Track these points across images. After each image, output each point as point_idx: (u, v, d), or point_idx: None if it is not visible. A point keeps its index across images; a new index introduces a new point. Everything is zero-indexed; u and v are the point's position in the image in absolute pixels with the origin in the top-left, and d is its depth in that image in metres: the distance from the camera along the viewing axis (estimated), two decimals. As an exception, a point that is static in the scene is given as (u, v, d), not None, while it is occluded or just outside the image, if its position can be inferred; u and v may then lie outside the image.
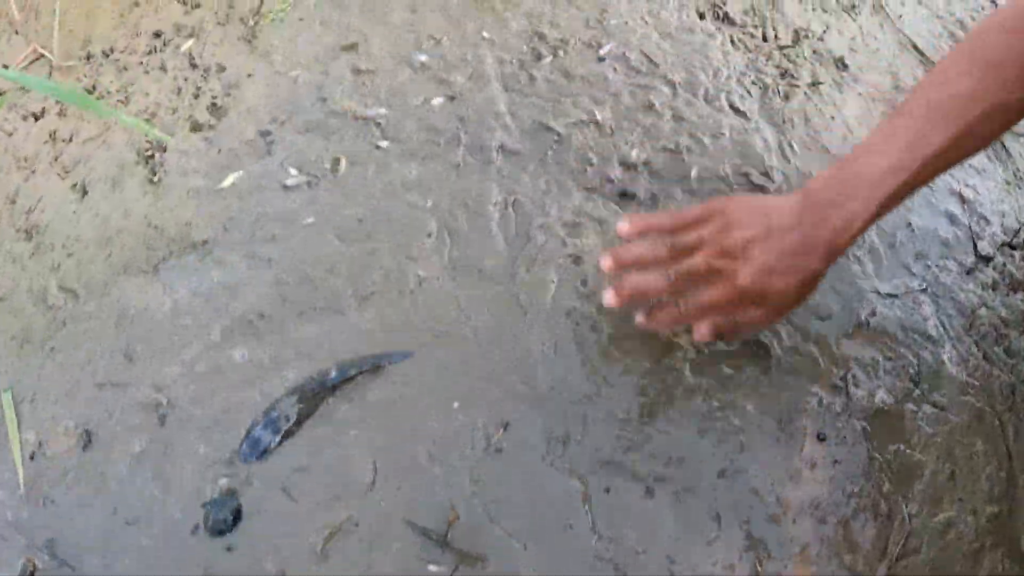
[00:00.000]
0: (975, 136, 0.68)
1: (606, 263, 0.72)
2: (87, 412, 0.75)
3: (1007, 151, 1.06)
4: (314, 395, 0.72)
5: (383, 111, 0.95)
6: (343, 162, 0.90)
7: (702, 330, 0.71)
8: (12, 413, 0.77)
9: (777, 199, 0.70)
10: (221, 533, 0.66)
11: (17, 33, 1.13)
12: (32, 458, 0.74)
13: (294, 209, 0.86)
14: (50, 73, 1.06)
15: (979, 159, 1.02)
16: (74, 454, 0.73)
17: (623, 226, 0.73)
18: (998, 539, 0.71)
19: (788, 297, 0.68)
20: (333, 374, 0.73)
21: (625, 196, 0.89)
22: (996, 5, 1.33)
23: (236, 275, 0.81)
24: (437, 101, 0.97)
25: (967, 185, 0.98)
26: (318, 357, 0.76)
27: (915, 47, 1.20)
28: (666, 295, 0.71)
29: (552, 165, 0.91)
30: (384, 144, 0.92)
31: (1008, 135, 1.06)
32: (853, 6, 1.25)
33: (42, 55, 1.09)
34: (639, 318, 0.73)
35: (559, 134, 0.94)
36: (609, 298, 0.71)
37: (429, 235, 0.85)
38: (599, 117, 0.97)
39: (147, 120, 0.96)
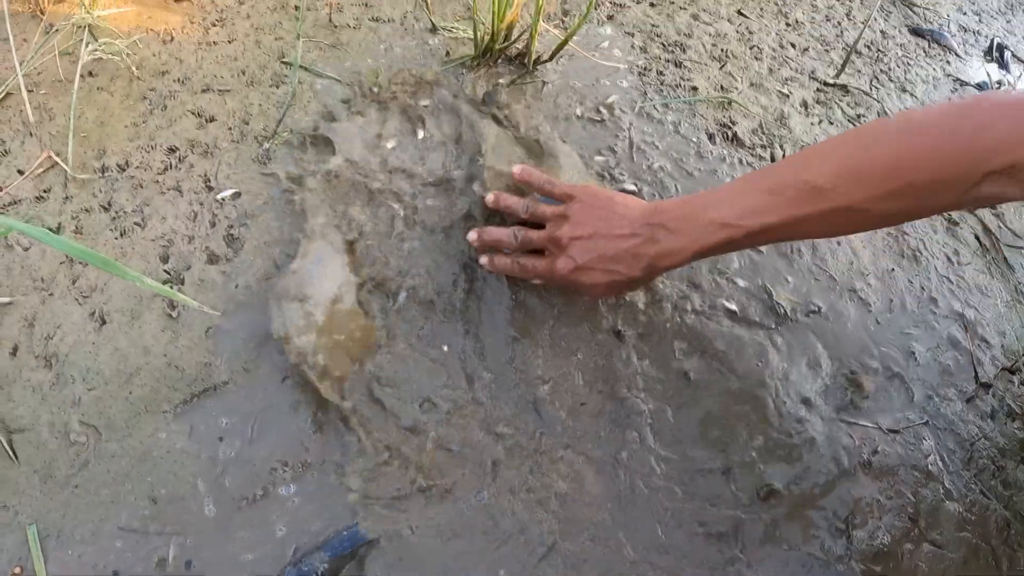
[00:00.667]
0: (815, 226, 0.75)
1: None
2: (113, 553, 0.78)
3: (1009, 265, 1.13)
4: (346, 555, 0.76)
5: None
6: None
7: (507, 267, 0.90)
8: (38, 550, 0.80)
9: (627, 203, 0.83)
10: None
11: (31, 135, 1.16)
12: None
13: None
14: (65, 184, 1.09)
15: (981, 277, 1.10)
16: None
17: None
18: None
19: (595, 291, 0.84)
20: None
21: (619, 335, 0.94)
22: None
23: (258, 418, 0.85)
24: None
25: (969, 305, 1.05)
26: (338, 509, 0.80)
27: None
28: (511, 250, 0.89)
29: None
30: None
31: (1008, 248, 1.13)
32: (859, 116, 1.33)
33: (56, 163, 1.12)
34: (482, 259, 0.91)
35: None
36: (471, 236, 0.91)
37: (448, 379, 0.90)
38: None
39: (165, 246, 1.00)
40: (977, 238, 1.18)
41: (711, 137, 1.23)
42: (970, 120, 0.67)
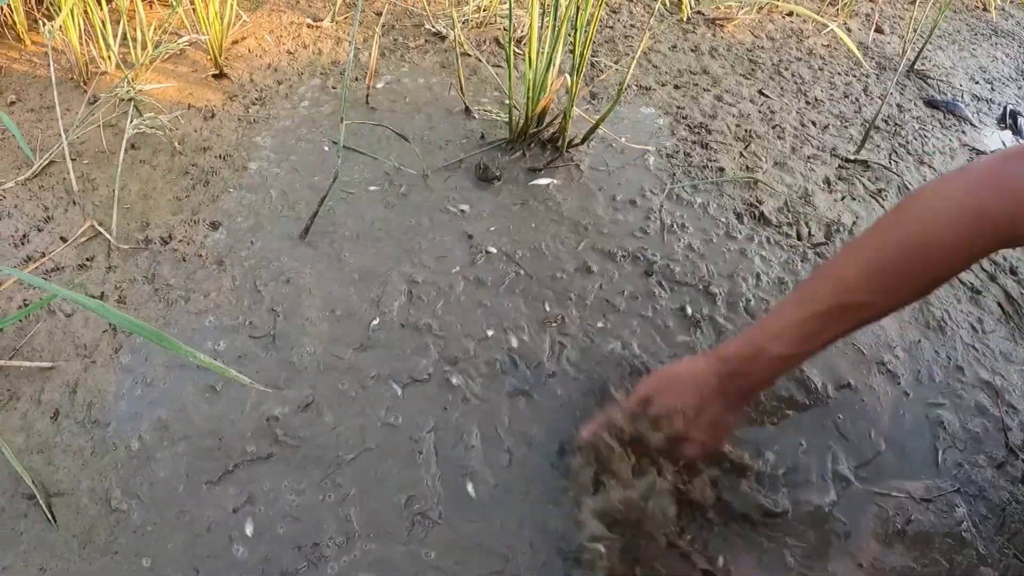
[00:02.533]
0: (859, 328, 0.81)
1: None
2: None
3: None
4: None
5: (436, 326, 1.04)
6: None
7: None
8: (72, 618, 0.80)
9: (695, 367, 0.86)
10: None
11: (75, 203, 1.19)
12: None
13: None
14: (108, 253, 1.12)
15: (1005, 344, 1.14)
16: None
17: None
18: None
19: (717, 446, 0.88)
20: None
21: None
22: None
23: (302, 496, 0.87)
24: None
25: (996, 372, 1.08)
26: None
27: None
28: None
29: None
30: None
31: None
32: (880, 191, 1.39)
33: (99, 232, 1.15)
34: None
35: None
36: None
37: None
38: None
39: (211, 321, 1.03)
40: (1000, 306, 1.21)
41: (739, 217, 1.29)
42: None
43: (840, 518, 0.90)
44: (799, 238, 1.25)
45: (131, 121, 1.27)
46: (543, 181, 1.26)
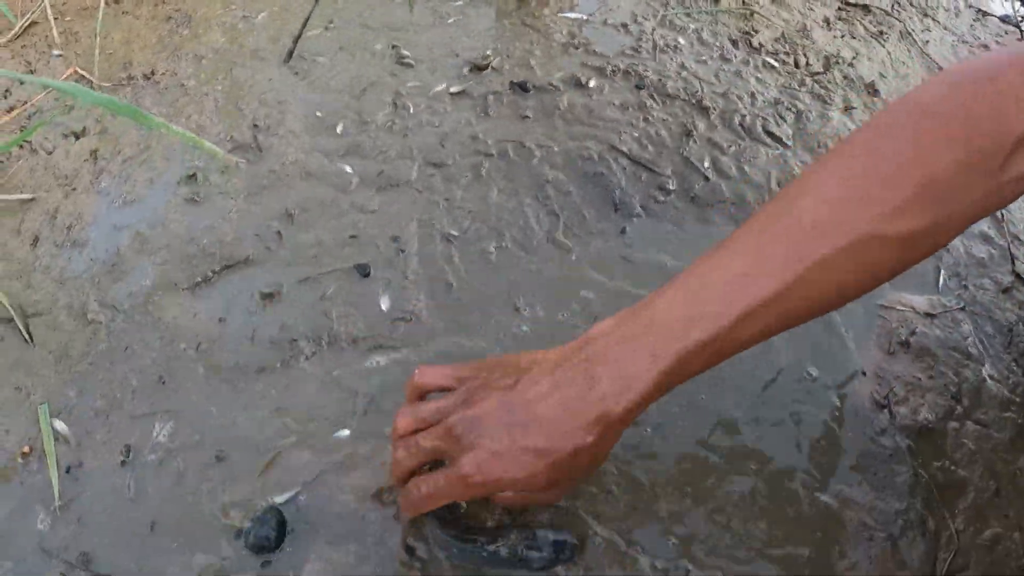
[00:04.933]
0: (818, 288, 0.51)
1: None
2: (125, 430, 0.74)
3: None
4: None
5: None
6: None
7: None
8: (48, 426, 0.76)
9: (535, 355, 0.56)
10: (262, 550, 0.66)
11: (58, 56, 1.15)
12: (68, 471, 0.73)
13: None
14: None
15: None
16: (113, 469, 0.72)
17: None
18: None
19: (534, 484, 0.52)
20: None
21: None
22: (1020, 33, 1.37)
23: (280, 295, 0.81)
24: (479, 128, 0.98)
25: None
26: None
27: (942, 70, 1.22)
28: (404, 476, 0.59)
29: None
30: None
31: None
32: (881, 33, 1.29)
33: (83, 76, 1.10)
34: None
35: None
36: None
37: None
38: (634, 146, 0.99)
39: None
40: None
41: (734, 43, 1.21)
42: (987, 85, 0.52)
43: (841, 326, 0.84)
44: (796, 66, 1.17)
45: (111, -30, 1.21)
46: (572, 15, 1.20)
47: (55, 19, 1.22)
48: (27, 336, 0.82)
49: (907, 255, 0.53)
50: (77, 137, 1.00)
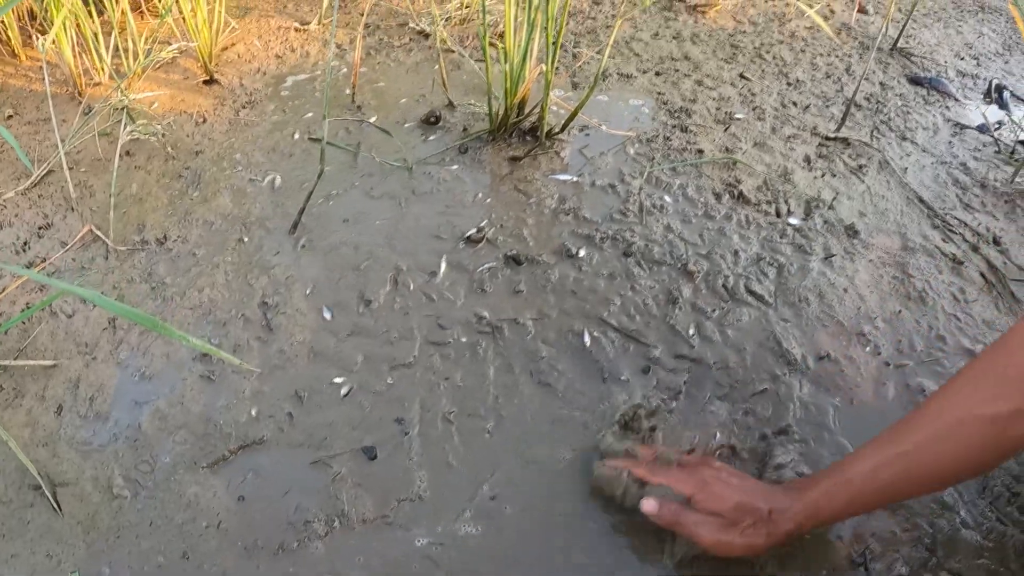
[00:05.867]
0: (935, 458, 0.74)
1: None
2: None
3: (1016, 299, 1.17)
4: None
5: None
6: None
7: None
8: (79, 599, 0.84)
9: (768, 496, 0.80)
10: None
11: (73, 210, 1.24)
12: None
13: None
14: (106, 256, 1.16)
15: (988, 312, 1.13)
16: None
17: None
18: None
19: (732, 553, 0.80)
20: None
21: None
22: (996, 144, 1.49)
23: (293, 476, 0.91)
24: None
25: (978, 341, 1.08)
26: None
27: (920, 200, 1.34)
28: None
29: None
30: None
31: (1014, 283, 1.18)
32: (860, 167, 1.40)
33: (98, 236, 1.19)
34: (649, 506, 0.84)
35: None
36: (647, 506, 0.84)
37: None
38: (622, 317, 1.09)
39: (204, 314, 1.07)
40: (983, 275, 1.21)
41: (718, 196, 1.31)
42: None
43: None
44: (778, 215, 1.27)
45: (124, 128, 1.31)
46: (562, 177, 1.30)
47: (70, 169, 1.31)
48: (56, 505, 0.90)
49: (1000, 436, 0.72)
50: (95, 304, 1.09)
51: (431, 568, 0.83)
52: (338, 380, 0.99)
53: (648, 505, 0.83)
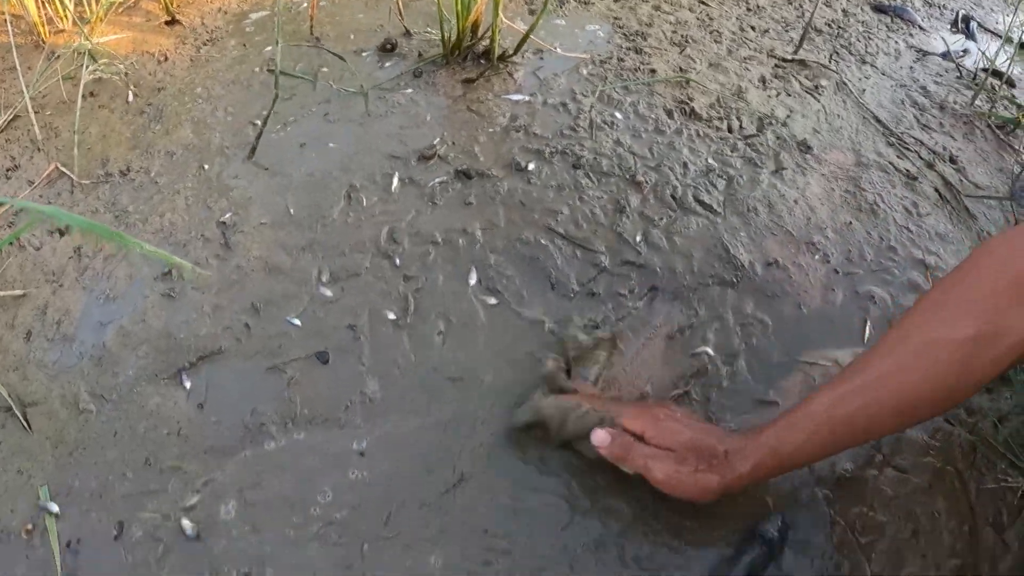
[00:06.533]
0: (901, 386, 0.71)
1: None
2: (117, 508, 0.85)
3: (971, 214, 1.17)
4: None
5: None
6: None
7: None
8: (48, 506, 0.87)
9: (702, 441, 0.77)
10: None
11: (39, 150, 1.25)
12: (68, 546, 0.84)
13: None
14: (72, 191, 1.18)
15: (942, 226, 1.13)
16: (107, 543, 0.83)
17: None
18: None
19: (685, 494, 0.76)
20: None
21: (593, 295, 1.02)
22: (959, 71, 1.46)
23: (250, 383, 0.93)
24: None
25: (930, 252, 1.09)
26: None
27: (877, 119, 1.33)
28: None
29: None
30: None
31: (969, 199, 1.17)
32: (817, 87, 1.39)
33: (63, 173, 1.21)
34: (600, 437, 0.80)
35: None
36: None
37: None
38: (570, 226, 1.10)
39: (165, 237, 1.08)
40: (937, 191, 1.22)
41: (669, 113, 1.31)
42: None
43: (765, 387, 0.93)
44: (730, 131, 1.27)
45: (87, 69, 1.32)
46: (515, 97, 1.30)
47: (35, 113, 1.32)
48: (26, 424, 0.93)
49: (968, 362, 0.69)
50: (62, 234, 1.11)
51: (376, 464, 0.85)
52: (292, 292, 1.01)
53: (599, 436, 0.78)
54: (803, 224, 1.12)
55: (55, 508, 0.85)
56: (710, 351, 0.96)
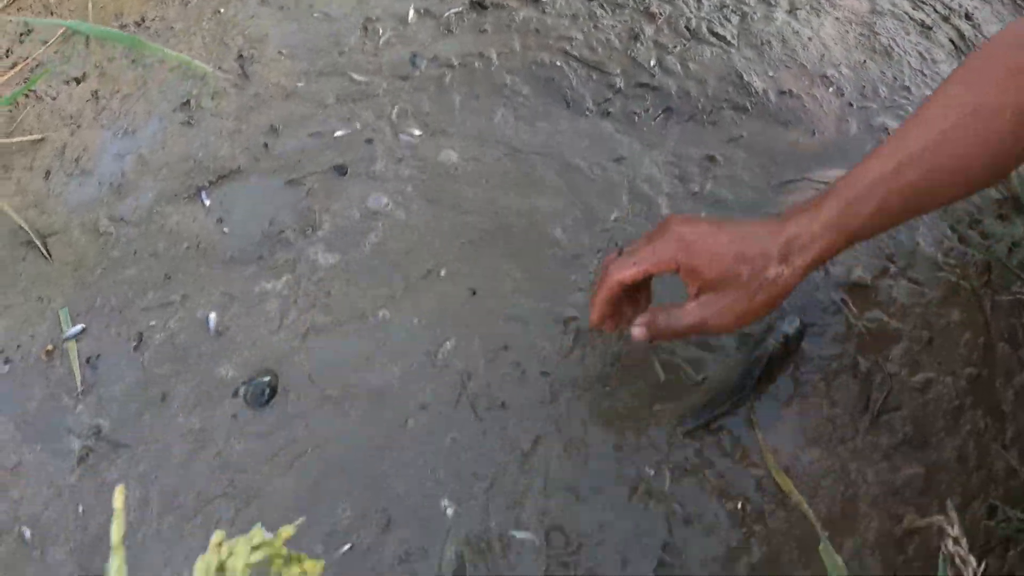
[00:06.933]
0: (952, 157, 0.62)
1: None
2: (137, 321, 0.82)
3: None
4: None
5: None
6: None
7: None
8: (68, 324, 0.85)
9: (745, 233, 0.64)
10: (259, 405, 0.74)
11: (52, 14, 1.22)
12: (88, 362, 0.81)
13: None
14: (87, 43, 1.15)
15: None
16: (127, 355, 0.80)
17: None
18: (978, 399, 0.75)
19: (759, 316, 0.65)
20: None
21: (608, 115, 0.98)
22: None
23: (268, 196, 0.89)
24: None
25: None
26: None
27: None
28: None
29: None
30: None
31: None
32: None
33: (77, 32, 1.18)
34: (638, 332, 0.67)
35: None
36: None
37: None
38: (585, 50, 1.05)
39: (183, 74, 1.05)
40: (952, 42, 1.17)
41: None
42: None
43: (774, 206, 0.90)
44: None
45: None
46: None
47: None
48: (46, 253, 0.90)
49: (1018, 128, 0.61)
50: (78, 82, 1.08)
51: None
52: (310, 113, 0.97)
53: (637, 332, 0.66)
54: (817, 59, 1.07)
55: (76, 329, 0.83)
56: (720, 160, 0.92)
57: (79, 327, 0.83)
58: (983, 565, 0.49)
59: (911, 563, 0.65)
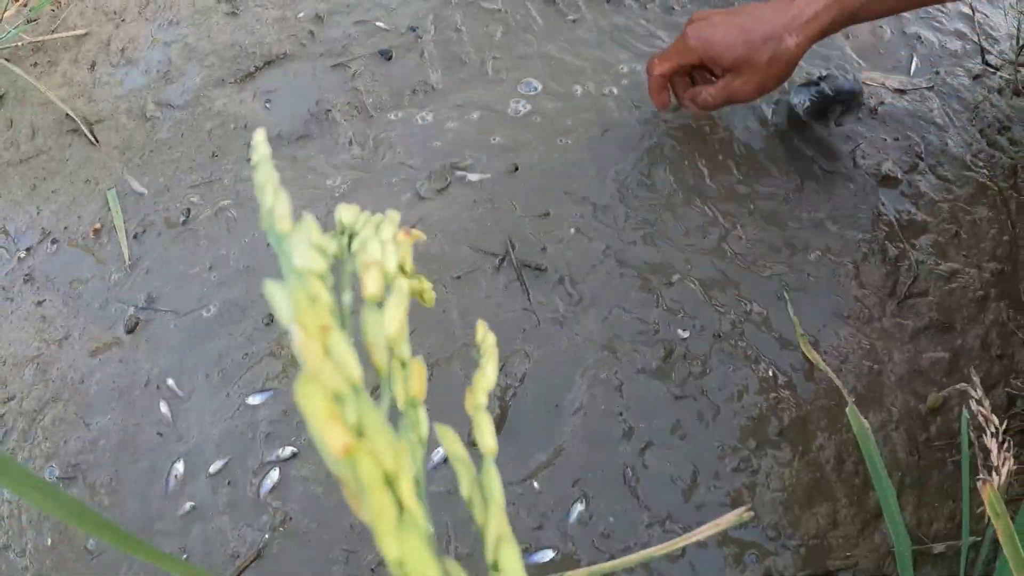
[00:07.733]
0: None
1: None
2: (185, 197, 0.82)
3: None
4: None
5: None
6: None
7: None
8: (117, 206, 0.85)
9: (755, 12, 0.72)
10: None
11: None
12: (135, 237, 0.82)
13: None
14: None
15: None
16: (175, 229, 0.80)
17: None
18: (1002, 291, 0.73)
19: (785, 78, 0.74)
20: None
21: None
22: None
23: (315, 79, 0.89)
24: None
25: (977, 10, 1.01)
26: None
27: None
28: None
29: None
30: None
31: None
32: None
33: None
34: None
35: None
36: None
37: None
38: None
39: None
40: None
41: None
42: None
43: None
44: None
45: None
46: None
47: None
48: (93, 139, 0.90)
49: None
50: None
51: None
52: (356, 2, 0.96)
53: (687, 103, 0.78)
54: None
55: (126, 205, 0.83)
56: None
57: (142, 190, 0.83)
58: (1003, 424, 0.48)
59: (932, 442, 0.65)
